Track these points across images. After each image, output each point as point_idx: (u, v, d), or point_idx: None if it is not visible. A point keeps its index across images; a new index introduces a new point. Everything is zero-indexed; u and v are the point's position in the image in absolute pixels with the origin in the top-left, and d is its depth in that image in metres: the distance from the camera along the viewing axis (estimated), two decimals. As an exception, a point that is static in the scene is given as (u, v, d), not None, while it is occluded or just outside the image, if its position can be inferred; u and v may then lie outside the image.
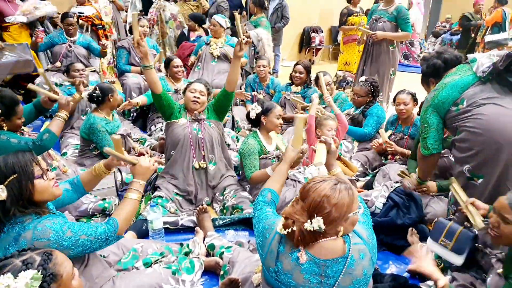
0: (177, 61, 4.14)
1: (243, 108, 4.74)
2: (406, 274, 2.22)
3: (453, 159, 2.19)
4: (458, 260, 2.02)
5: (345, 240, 1.36)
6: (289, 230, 1.30)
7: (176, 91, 4.10)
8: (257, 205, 1.60)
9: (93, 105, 3.26)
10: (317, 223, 1.27)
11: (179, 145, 2.78)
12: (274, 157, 2.85)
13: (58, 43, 4.71)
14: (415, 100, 3.27)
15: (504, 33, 6.92)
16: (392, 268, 2.33)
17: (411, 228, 2.41)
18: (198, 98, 2.80)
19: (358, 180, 3.19)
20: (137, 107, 4.55)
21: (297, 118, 2.02)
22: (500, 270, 1.66)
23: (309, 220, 1.28)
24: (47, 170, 1.62)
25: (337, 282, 1.32)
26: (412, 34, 4.75)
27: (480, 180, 2.00)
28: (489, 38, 6.96)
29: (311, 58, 9.70)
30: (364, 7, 6.53)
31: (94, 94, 3.15)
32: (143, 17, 4.90)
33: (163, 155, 3.43)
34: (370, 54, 4.70)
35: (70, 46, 4.68)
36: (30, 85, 3.03)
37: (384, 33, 4.48)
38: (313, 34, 9.48)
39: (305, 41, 9.59)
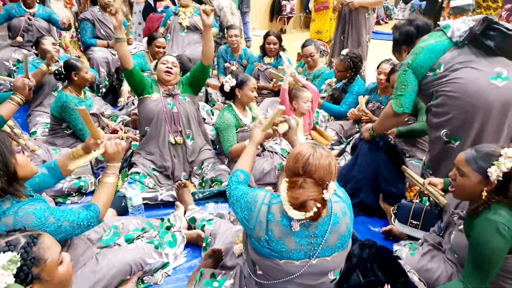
0: (161, 41, 4.01)
1: (216, 81, 4.68)
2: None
3: (429, 126, 2.24)
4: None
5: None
6: (315, 210, 1.32)
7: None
8: (231, 185, 1.62)
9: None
10: (332, 188, 1.34)
11: (153, 120, 2.73)
12: (250, 129, 2.84)
13: (16, 16, 4.39)
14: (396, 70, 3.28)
15: (468, -1, 7.04)
16: (369, 232, 2.43)
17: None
18: (171, 68, 2.74)
19: (332, 149, 3.25)
20: (106, 82, 4.45)
21: (276, 107, 2.03)
22: (461, 226, 1.75)
23: (324, 190, 1.34)
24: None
25: (324, 240, 1.39)
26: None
27: (457, 143, 2.07)
28: (454, 3, 7.03)
29: (283, 27, 9.60)
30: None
31: (57, 72, 3.03)
32: None
33: (137, 131, 3.39)
34: (349, 22, 4.66)
35: (30, 19, 4.41)
36: None
37: (360, 0, 4.46)
38: (284, 2, 9.35)
39: (276, 9, 9.45)
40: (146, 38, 4.29)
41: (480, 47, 2.01)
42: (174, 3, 5.46)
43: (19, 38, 4.32)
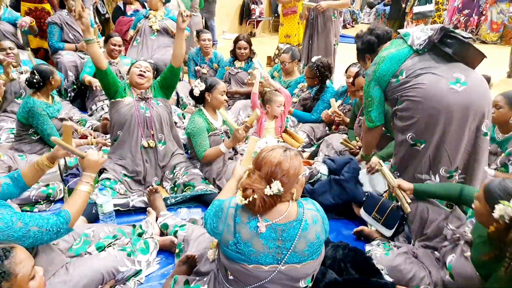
0: (117, 39, 4.01)
1: (187, 84, 4.67)
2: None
3: (395, 129, 2.32)
4: (387, 233, 2.24)
5: (298, 205, 1.49)
6: (250, 199, 1.38)
7: (110, 63, 3.99)
8: (205, 214, 1.63)
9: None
10: (276, 186, 1.38)
11: (126, 125, 2.70)
12: (222, 133, 2.86)
13: (-20, 19, 4.27)
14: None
15: (430, 5, 7.31)
16: (341, 234, 2.49)
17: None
18: (144, 72, 2.73)
19: (304, 151, 3.31)
20: (74, 86, 4.36)
21: (250, 138, 2.08)
22: (467, 254, 1.72)
23: (268, 186, 1.38)
24: None
25: (293, 245, 1.42)
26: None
27: (422, 145, 2.16)
28: (417, 9, 7.32)
29: (252, 30, 9.67)
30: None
31: (34, 80, 2.94)
32: None
33: (107, 136, 3.34)
34: (315, 27, 4.75)
35: (-5, 24, 4.27)
36: None
37: (328, 2, 4.53)
38: (253, 6, 9.41)
39: (245, 13, 9.50)
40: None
41: (439, 53, 2.11)
42: (144, 6, 5.41)
43: None
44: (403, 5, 7.62)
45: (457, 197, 1.97)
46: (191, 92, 2.87)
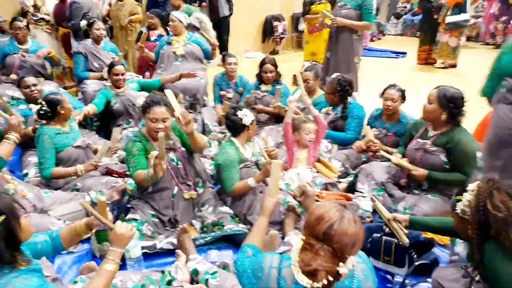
0: (119, 68, 3.89)
1: (212, 110, 4.57)
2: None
3: None
4: (402, 271, 2.09)
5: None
6: (325, 282, 1.20)
7: (117, 94, 3.95)
8: (237, 261, 1.50)
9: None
10: (351, 263, 1.22)
11: (156, 181, 2.53)
12: (253, 164, 2.72)
13: (10, 53, 4.33)
14: (403, 97, 3.18)
15: (465, 14, 7.03)
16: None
17: None
18: (162, 128, 2.48)
19: (339, 182, 3.12)
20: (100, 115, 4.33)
21: (273, 164, 1.91)
22: (477, 278, 1.66)
23: (340, 263, 1.21)
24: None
25: None
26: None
27: None
28: (449, 19, 7.04)
29: (275, 48, 9.59)
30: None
31: (42, 111, 2.90)
32: (97, 21, 4.60)
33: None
34: (335, 41, 4.60)
35: (24, 56, 4.33)
36: None
37: (344, 20, 4.36)
38: (275, 23, 9.35)
39: (268, 30, 9.45)
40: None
41: None
42: (167, 32, 5.39)
43: (13, 76, 4.23)
44: (435, 16, 7.36)
45: (452, 230, 1.85)
46: (231, 123, 2.69)
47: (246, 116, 2.63)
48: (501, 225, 1.46)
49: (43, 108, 2.91)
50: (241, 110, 2.64)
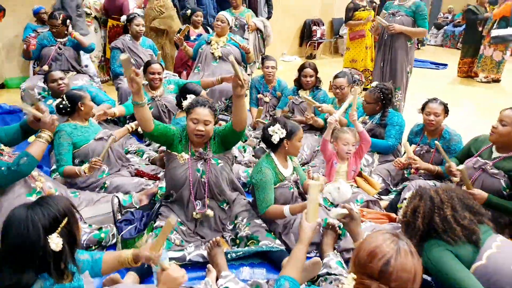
0: (155, 67, 3.75)
1: (248, 114, 4.41)
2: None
3: None
4: None
5: None
6: None
7: (153, 99, 3.78)
8: None
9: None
10: None
11: (178, 187, 2.42)
12: (291, 184, 2.49)
13: (47, 45, 4.32)
14: (446, 111, 2.97)
15: (511, 29, 6.64)
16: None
17: None
18: (202, 131, 2.32)
19: (381, 199, 2.89)
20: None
21: (310, 186, 1.73)
22: None
23: None
24: None
25: None
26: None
27: None
28: (495, 32, 6.68)
29: (312, 52, 9.39)
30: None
31: (62, 106, 2.83)
32: (137, 16, 4.53)
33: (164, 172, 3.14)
34: (389, 48, 4.39)
35: (60, 49, 4.31)
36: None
37: (401, 27, 4.19)
38: (314, 27, 9.14)
39: (306, 34, 9.25)
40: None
41: None
42: (207, 31, 5.29)
43: (45, 67, 4.21)
44: (480, 28, 6.98)
45: None
46: (264, 138, 2.49)
47: (276, 132, 2.40)
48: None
49: (63, 102, 2.84)
50: (273, 125, 2.43)
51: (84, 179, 2.85)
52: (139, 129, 3.35)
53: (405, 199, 1.87)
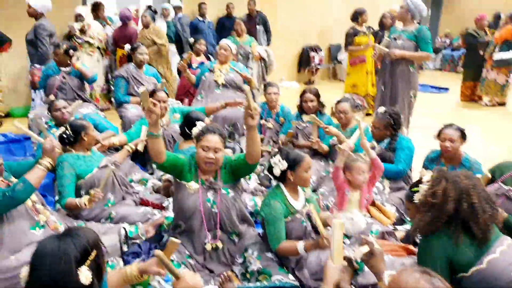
0: (160, 95, 3.70)
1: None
2: None
3: None
4: None
5: None
6: None
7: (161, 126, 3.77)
8: None
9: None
10: None
11: (187, 218, 2.35)
12: (303, 217, 2.37)
13: (52, 75, 4.34)
14: (464, 136, 2.91)
15: (514, 52, 6.71)
16: None
17: None
18: (212, 158, 2.27)
19: (395, 229, 2.80)
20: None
21: (333, 225, 1.69)
22: None
23: None
24: None
25: None
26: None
27: None
28: (498, 56, 6.73)
29: (311, 78, 9.47)
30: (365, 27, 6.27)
31: (65, 135, 2.79)
32: (141, 45, 4.57)
33: (169, 200, 3.08)
34: (390, 73, 4.39)
35: (64, 78, 4.32)
36: (15, 123, 2.65)
37: (403, 52, 4.19)
38: (312, 53, 9.28)
39: (304, 60, 9.36)
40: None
41: None
42: (208, 59, 5.34)
43: (51, 97, 4.20)
44: (481, 52, 7.06)
45: None
46: (269, 170, 2.42)
47: (276, 164, 2.31)
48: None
49: (66, 132, 2.81)
50: (274, 156, 2.36)
51: (88, 211, 2.78)
52: (139, 147, 3.33)
53: (420, 182, 1.79)
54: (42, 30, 4.75)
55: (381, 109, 3.42)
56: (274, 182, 3.61)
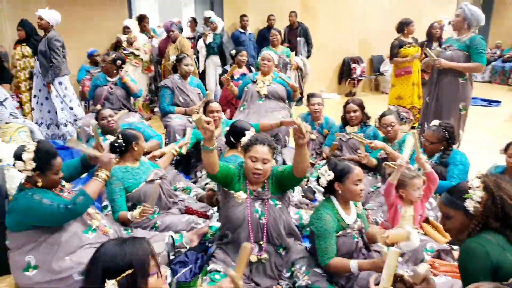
0: (214, 106, 3.75)
1: (293, 150, 4.32)
2: None
3: None
4: None
5: None
6: None
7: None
8: None
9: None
10: None
11: (234, 228, 2.31)
12: (355, 232, 2.27)
13: (100, 85, 4.51)
14: None
15: None
16: None
17: None
18: (260, 169, 2.25)
19: (452, 249, 2.63)
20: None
21: (389, 252, 1.60)
22: None
23: None
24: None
25: None
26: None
27: None
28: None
29: (352, 90, 9.31)
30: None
31: (117, 144, 2.82)
32: (186, 57, 4.65)
33: (214, 210, 3.06)
34: (436, 84, 4.20)
35: (111, 88, 4.46)
36: (69, 141, 2.71)
37: (449, 63, 3.98)
38: (353, 65, 9.12)
39: (345, 72, 9.22)
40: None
41: None
42: (250, 70, 5.35)
43: (98, 106, 4.34)
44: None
45: None
46: (318, 180, 2.34)
47: (323, 175, 2.24)
48: None
49: (118, 141, 2.83)
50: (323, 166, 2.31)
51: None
52: (183, 150, 3.37)
53: (463, 189, 1.69)
54: (56, 42, 4.79)
55: (435, 122, 3.25)
56: (318, 195, 3.55)
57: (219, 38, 6.55)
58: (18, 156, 2.14)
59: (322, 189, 3.09)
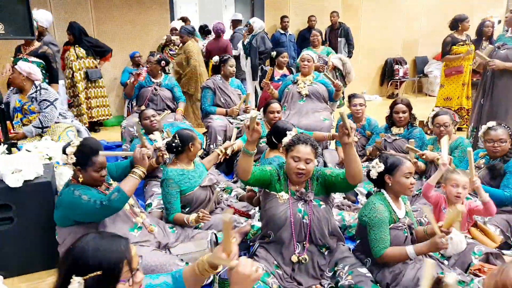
0: (275, 106, 3.75)
1: (334, 152, 4.26)
2: None
3: None
4: None
5: None
6: None
7: None
8: None
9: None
10: None
11: (276, 228, 2.29)
12: (405, 227, 2.23)
13: (145, 86, 4.64)
14: None
15: None
16: None
17: None
18: (303, 169, 2.23)
19: (503, 254, 2.50)
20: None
21: (426, 263, 1.46)
22: None
23: None
24: (137, 270, 1.28)
25: None
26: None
27: None
28: None
29: (394, 91, 9.07)
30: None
31: (174, 144, 2.87)
32: (231, 58, 4.69)
33: (256, 209, 3.07)
34: (492, 86, 4.02)
35: (156, 90, 4.58)
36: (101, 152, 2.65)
37: (504, 63, 3.80)
38: (396, 66, 8.88)
39: (388, 73, 8.99)
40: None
41: None
42: (291, 72, 5.33)
43: (143, 107, 4.47)
44: None
45: None
46: (367, 174, 2.33)
47: (374, 167, 2.25)
48: None
49: (175, 141, 2.87)
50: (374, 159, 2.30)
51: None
52: (228, 151, 3.38)
53: None
54: (53, 46, 4.65)
55: (493, 123, 3.05)
56: (360, 197, 3.48)
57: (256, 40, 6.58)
58: (63, 150, 2.25)
59: (365, 192, 3.05)
